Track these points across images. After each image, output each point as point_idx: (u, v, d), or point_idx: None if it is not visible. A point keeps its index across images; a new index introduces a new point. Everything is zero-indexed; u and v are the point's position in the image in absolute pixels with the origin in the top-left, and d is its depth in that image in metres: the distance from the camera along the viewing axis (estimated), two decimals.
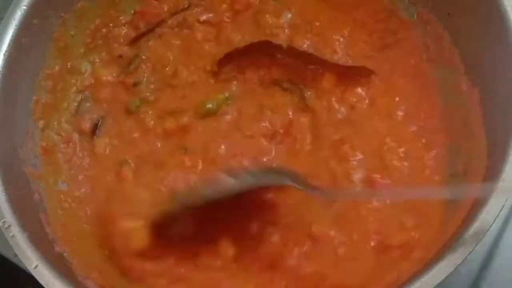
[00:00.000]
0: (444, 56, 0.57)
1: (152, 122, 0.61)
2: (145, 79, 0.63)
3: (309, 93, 0.61)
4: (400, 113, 0.59)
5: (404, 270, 0.47)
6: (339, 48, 0.62)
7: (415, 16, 0.60)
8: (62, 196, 0.57)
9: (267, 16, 0.63)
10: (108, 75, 0.63)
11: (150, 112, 0.61)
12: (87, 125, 0.61)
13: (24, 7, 0.53)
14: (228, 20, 0.64)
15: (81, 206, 0.58)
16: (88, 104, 0.62)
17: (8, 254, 0.59)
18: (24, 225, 0.48)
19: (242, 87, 0.62)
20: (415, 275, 0.44)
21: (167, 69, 0.63)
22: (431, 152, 0.56)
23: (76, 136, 0.61)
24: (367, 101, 0.60)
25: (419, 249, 0.50)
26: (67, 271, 0.49)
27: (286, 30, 0.63)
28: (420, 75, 0.59)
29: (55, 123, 0.60)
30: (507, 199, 0.44)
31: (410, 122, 0.58)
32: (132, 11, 0.63)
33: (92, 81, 0.62)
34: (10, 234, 0.47)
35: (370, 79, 0.60)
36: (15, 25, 0.53)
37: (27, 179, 0.54)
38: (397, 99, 0.59)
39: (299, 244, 0.53)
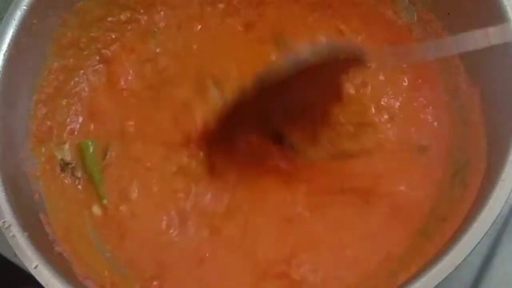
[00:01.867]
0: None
1: None
2: None
3: None
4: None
5: None
6: None
7: (415, 16, 0.60)
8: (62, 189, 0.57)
9: None
10: None
11: None
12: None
13: (24, 7, 0.53)
14: None
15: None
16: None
17: (8, 254, 0.59)
18: (24, 225, 0.48)
19: None
20: (415, 275, 0.44)
21: None
22: (431, 152, 0.56)
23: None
24: None
25: None
26: (67, 271, 0.49)
27: None
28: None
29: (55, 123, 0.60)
30: (507, 199, 0.44)
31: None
32: None
33: None
34: (10, 234, 0.47)
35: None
36: (15, 25, 0.53)
37: (27, 179, 0.54)
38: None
39: None
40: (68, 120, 0.61)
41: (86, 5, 0.59)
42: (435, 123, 0.57)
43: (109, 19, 0.62)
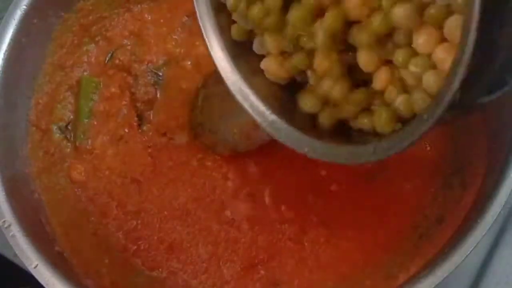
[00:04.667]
0: None
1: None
2: None
3: None
4: None
5: None
6: None
7: None
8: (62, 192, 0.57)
9: None
10: None
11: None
12: None
13: (24, 7, 0.53)
14: None
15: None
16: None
17: (8, 254, 0.60)
18: (24, 225, 0.48)
19: None
20: (415, 275, 0.44)
21: None
22: (431, 152, 0.57)
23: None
24: None
25: None
26: (67, 271, 0.49)
27: None
28: None
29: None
30: (507, 199, 0.44)
31: None
32: None
33: None
34: (10, 234, 0.47)
35: None
36: (15, 25, 0.53)
37: (27, 179, 0.54)
38: None
39: None
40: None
41: (86, 5, 0.59)
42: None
43: (109, 18, 0.62)
